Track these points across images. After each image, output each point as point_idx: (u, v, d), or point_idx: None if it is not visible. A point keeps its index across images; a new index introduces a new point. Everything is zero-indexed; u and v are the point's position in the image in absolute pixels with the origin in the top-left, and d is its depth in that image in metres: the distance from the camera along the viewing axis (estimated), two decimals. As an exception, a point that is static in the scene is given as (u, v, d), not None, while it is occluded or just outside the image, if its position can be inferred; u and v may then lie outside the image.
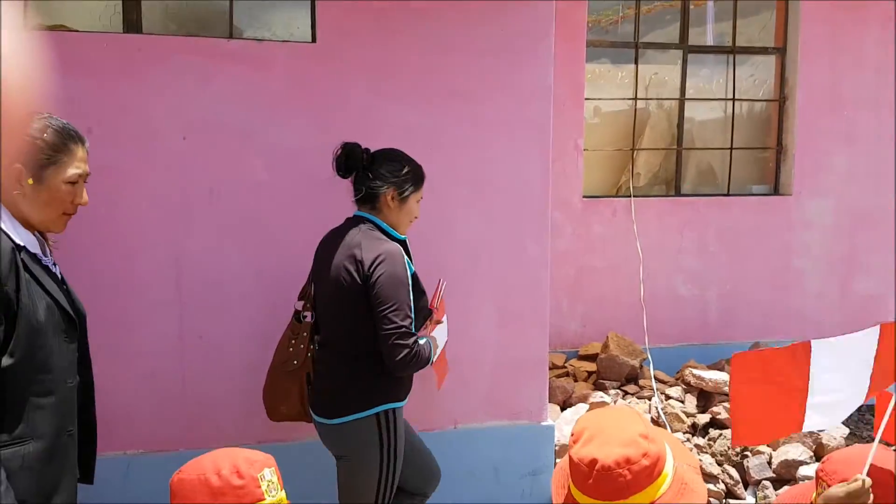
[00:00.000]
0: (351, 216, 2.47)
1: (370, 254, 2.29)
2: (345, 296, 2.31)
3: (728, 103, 5.03)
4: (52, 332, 1.68)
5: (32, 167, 1.69)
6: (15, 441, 1.59)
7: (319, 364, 2.50)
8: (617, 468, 1.31)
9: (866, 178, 4.97)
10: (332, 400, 2.38)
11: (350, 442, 2.37)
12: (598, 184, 5.12)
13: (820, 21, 4.77)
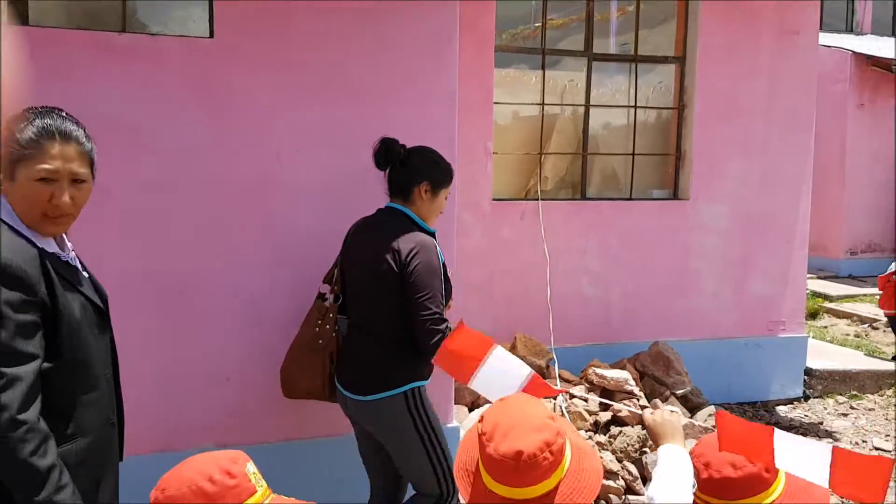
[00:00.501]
0: (383, 207, 2.65)
1: (407, 244, 2.48)
2: (381, 282, 2.49)
3: (631, 110, 5.18)
4: (87, 328, 1.71)
5: (10, 166, 1.65)
6: (67, 440, 1.65)
7: (350, 344, 2.66)
8: (541, 454, 1.37)
9: (759, 184, 5.21)
10: (365, 378, 2.56)
11: (382, 417, 2.55)
12: (507, 187, 5.19)
13: (717, 32, 4.98)
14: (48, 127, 1.67)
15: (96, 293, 1.81)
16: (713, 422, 4.27)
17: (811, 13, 5.12)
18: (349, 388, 2.60)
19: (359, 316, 2.64)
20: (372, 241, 2.56)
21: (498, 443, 1.40)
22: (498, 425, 1.43)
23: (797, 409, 5.25)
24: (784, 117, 5.14)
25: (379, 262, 2.49)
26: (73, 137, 1.70)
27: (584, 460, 1.47)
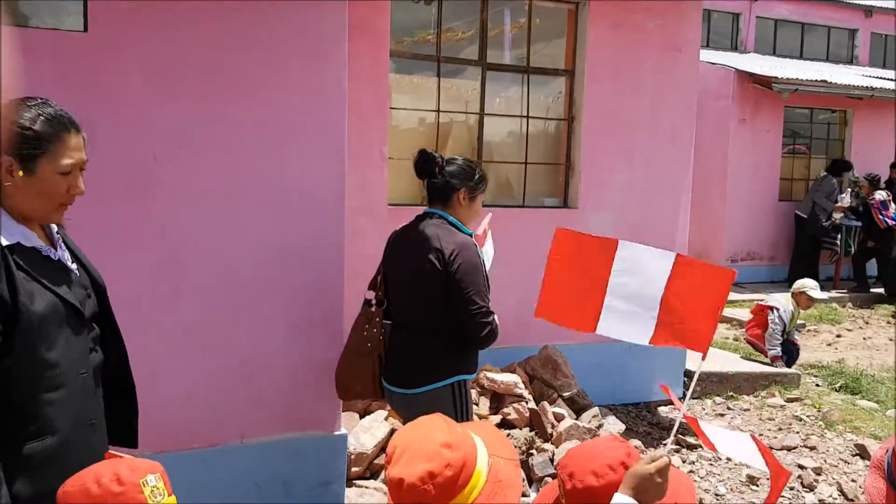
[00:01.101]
0: (421, 213, 2.90)
1: (450, 245, 2.72)
2: (426, 281, 2.71)
3: (524, 120, 5.31)
4: (56, 326, 1.67)
5: (23, 159, 1.65)
6: (33, 438, 1.64)
7: (396, 343, 2.85)
8: (422, 485, 1.34)
9: (643, 194, 5.43)
10: (413, 372, 2.76)
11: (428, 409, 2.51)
12: (404, 192, 5.20)
13: (604, 47, 5.17)
14: (60, 118, 1.70)
15: (86, 290, 1.80)
16: (597, 423, 4.43)
17: (693, 31, 5.39)
18: (396, 383, 2.79)
19: (404, 316, 2.86)
20: (415, 244, 2.79)
21: (391, 467, 1.40)
22: (397, 448, 1.42)
23: (677, 409, 5.50)
24: (666, 130, 5.39)
25: (424, 262, 2.72)
26: (77, 125, 1.74)
27: (497, 496, 1.42)
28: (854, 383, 6.32)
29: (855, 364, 6.99)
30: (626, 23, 5.20)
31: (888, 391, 6.24)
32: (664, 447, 4.78)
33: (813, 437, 5.04)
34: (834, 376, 6.52)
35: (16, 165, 1.65)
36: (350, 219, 4.52)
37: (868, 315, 9.24)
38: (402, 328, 2.85)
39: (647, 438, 4.91)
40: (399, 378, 2.79)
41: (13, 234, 1.66)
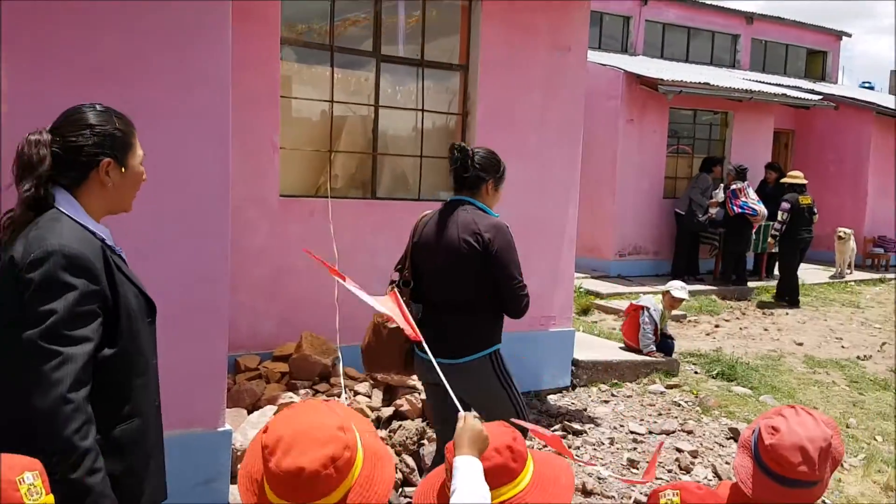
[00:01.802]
0: (448, 200, 3.20)
1: (486, 227, 3.01)
2: (464, 261, 2.98)
3: (419, 114, 5.33)
4: (140, 317, 1.88)
5: (120, 157, 1.87)
6: (125, 420, 1.83)
7: (434, 319, 3.02)
8: (324, 470, 1.33)
9: (534, 190, 5.57)
10: (457, 344, 3.02)
11: (472, 376, 3.03)
12: (296, 183, 5.12)
13: (497, 44, 5.26)
14: (124, 116, 1.92)
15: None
16: (488, 412, 4.51)
17: (581, 32, 5.56)
18: (440, 354, 2.76)
19: (441, 294, 3.08)
20: (451, 228, 3.05)
21: (280, 458, 1.34)
22: (281, 438, 1.37)
23: (565, 397, 5.69)
24: (556, 128, 5.54)
25: (461, 244, 2.99)
26: None
27: (376, 468, 1.44)
28: (730, 370, 6.71)
29: (731, 352, 7.41)
30: (517, 21, 5.31)
31: (761, 378, 6.67)
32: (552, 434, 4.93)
33: (690, 421, 5.33)
34: (711, 364, 6.89)
35: (114, 164, 1.86)
36: (239, 210, 4.42)
37: (745, 306, 9.83)
38: (441, 305, 3.07)
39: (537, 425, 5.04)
40: (441, 350, 2.80)
41: (99, 231, 1.85)
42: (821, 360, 7.53)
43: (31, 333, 1.67)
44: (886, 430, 5.75)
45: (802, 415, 1.94)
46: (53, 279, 1.71)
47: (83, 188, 1.85)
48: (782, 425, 1.94)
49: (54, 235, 1.75)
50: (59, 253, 1.72)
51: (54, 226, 1.77)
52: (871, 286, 11.60)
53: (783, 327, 8.82)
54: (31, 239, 1.76)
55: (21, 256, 1.74)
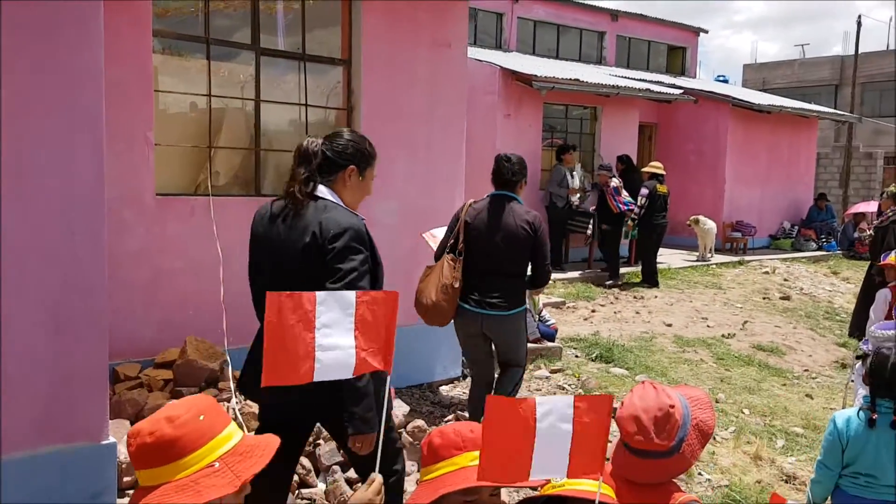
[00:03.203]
0: (495, 195, 4.48)
1: (533, 217, 4.34)
2: (521, 241, 4.26)
3: (303, 108, 5.23)
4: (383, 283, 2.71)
5: (362, 167, 2.81)
6: None
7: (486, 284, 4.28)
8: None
9: (422, 183, 5.61)
10: (507, 302, 4.29)
11: (513, 324, 4.37)
12: (175, 181, 4.90)
13: (380, 39, 5.25)
14: (369, 140, 2.90)
15: None
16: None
17: (460, 28, 5.65)
18: (493, 308, 4.28)
19: (494, 265, 4.27)
20: (508, 216, 4.31)
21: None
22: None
23: (457, 387, 5.78)
24: (440, 122, 5.60)
25: (519, 229, 4.27)
26: None
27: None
28: (607, 353, 7.04)
29: (608, 336, 7.78)
30: (398, 16, 5.32)
31: (636, 358, 7.04)
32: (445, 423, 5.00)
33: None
34: (590, 347, 7.21)
35: (356, 172, 2.79)
36: (113, 210, 4.18)
37: (617, 292, 10.32)
38: (493, 272, 4.28)
39: (430, 417, 5.10)
40: (494, 305, 4.27)
41: (361, 216, 2.71)
42: (689, 339, 8.04)
43: (339, 285, 2.45)
44: (752, 403, 6.23)
45: (647, 388, 2.06)
46: (349, 247, 2.56)
47: (335, 184, 2.75)
48: (627, 398, 2.07)
49: (345, 217, 2.64)
50: (351, 229, 2.60)
51: (338, 210, 2.66)
52: (732, 268, 12.48)
53: (653, 310, 9.34)
54: (325, 219, 2.60)
55: (322, 232, 2.57)
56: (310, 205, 2.65)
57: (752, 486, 4.36)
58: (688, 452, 2.00)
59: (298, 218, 2.63)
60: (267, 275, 2.75)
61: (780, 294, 10.68)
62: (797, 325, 9.23)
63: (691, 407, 2.06)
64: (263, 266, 2.80)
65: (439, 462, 1.82)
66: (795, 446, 5.26)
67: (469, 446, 1.80)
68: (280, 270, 2.67)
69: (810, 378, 7.27)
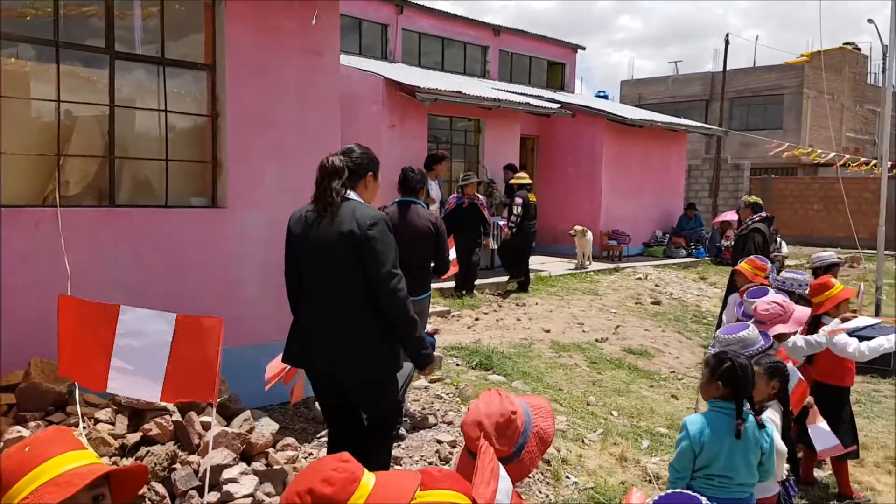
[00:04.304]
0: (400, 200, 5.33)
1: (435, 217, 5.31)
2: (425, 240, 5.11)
3: (163, 115, 5.00)
4: None
5: (375, 172, 3.68)
6: None
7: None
8: None
9: (295, 193, 5.46)
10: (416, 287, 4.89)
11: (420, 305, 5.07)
12: (19, 192, 4.56)
13: (246, 44, 5.10)
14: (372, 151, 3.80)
15: None
16: (248, 426, 4.36)
17: (332, 36, 5.57)
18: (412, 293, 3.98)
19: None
20: (413, 217, 5.09)
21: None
22: None
23: (333, 402, 5.66)
24: (313, 132, 5.50)
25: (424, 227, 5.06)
26: None
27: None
28: (487, 360, 7.12)
29: (488, 343, 7.88)
30: (265, 23, 5.19)
31: (514, 365, 7.16)
32: (318, 440, 4.89)
33: (451, 412, 5.57)
34: (471, 355, 7.27)
35: (372, 177, 3.64)
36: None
37: (501, 300, 10.50)
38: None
39: (304, 434, 4.98)
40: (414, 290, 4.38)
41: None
42: (565, 344, 8.27)
43: (382, 269, 3.32)
44: (621, 405, 6.46)
45: (493, 395, 2.11)
46: (385, 233, 3.35)
47: (358, 188, 3.53)
48: (472, 405, 2.10)
49: (372, 211, 3.40)
50: (382, 219, 3.36)
51: (365, 206, 3.42)
52: (608, 275, 12.97)
53: (534, 316, 9.56)
54: (359, 214, 3.33)
55: (359, 223, 3.31)
56: (343, 205, 3.38)
57: (616, 487, 4.50)
58: (527, 459, 2.03)
59: (336, 216, 3.36)
60: (311, 268, 3.51)
61: (651, 299, 11.18)
62: (666, 329, 9.69)
63: (533, 415, 2.10)
64: (305, 262, 3.53)
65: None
66: (660, 446, 5.48)
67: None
68: (327, 261, 3.41)
69: (676, 379, 7.63)
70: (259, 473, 3.91)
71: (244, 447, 4.06)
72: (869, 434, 6.23)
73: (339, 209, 3.36)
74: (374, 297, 3.33)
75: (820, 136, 30.13)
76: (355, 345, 3.39)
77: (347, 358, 3.41)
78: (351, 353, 3.40)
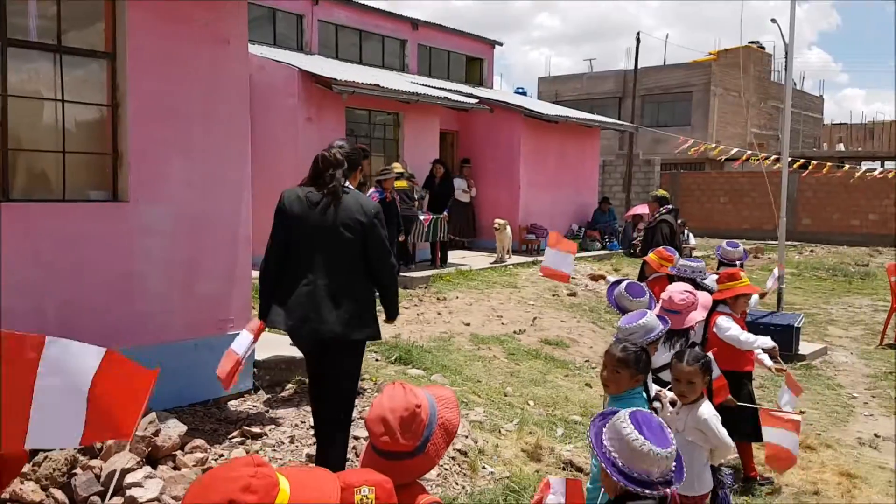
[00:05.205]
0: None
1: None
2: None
3: (59, 105, 4.75)
4: None
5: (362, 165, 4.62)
6: None
7: None
8: None
9: (202, 187, 5.31)
10: None
11: None
12: None
13: (149, 32, 4.89)
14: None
15: None
16: (154, 428, 4.20)
17: (240, 25, 5.41)
18: None
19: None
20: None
21: None
22: None
23: (247, 401, 5.53)
24: (221, 123, 5.33)
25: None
26: None
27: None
28: (406, 355, 7.10)
29: (408, 337, 7.86)
30: (169, 10, 5.00)
31: (434, 358, 7.17)
32: (230, 441, 4.76)
33: (368, 408, 5.51)
34: (391, 350, 7.24)
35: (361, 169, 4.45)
36: None
37: (422, 293, 10.49)
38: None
39: (214, 435, 4.83)
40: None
41: None
42: (484, 337, 8.34)
43: (384, 247, 4.04)
44: (537, 394, 6.56)
45: (396, 388, 2.07)
46: (381, 218, 4.05)
47: (350, 179, 4.14)
48: (376, 399, 2.07)
49: (371, 201, 4.13)
50: (377, 207, 4.06)
51: (364, 197, 4.13)
52: (527, 268, 13.15)
53: (454, 310, 9.60)
54: (363, 203, 4.03)
55: (365, 210, 3.98)
56: (344, 194, 3.98)
57: (531, 475, 4.56)
58: (432, 452, 2.01)
59: (341, 203, 3.94)
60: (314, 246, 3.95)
61: (567, 291, 11.40)
62: (581, 320, 9.91)
63: (438, 406, 2.09)
64: (305, 240, 3.96)
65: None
66: (573, 434, 5.60)
67: None
68: (330, 240, 3.94)
69: (590, 368, 7.81)
70: (165, 477, 3.78)
71: (149, 450, 3.93)
72: (769, 415, 6.54)
73: (342, 197, 3.96)
74: (368, 270, 4.03)
75: (726, 132, 31.49)
76: (357, 308, 4.00)
77: (348, 321, 3.95)
78: (350, 318, 3.96)
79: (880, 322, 10.66)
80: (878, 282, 14.68)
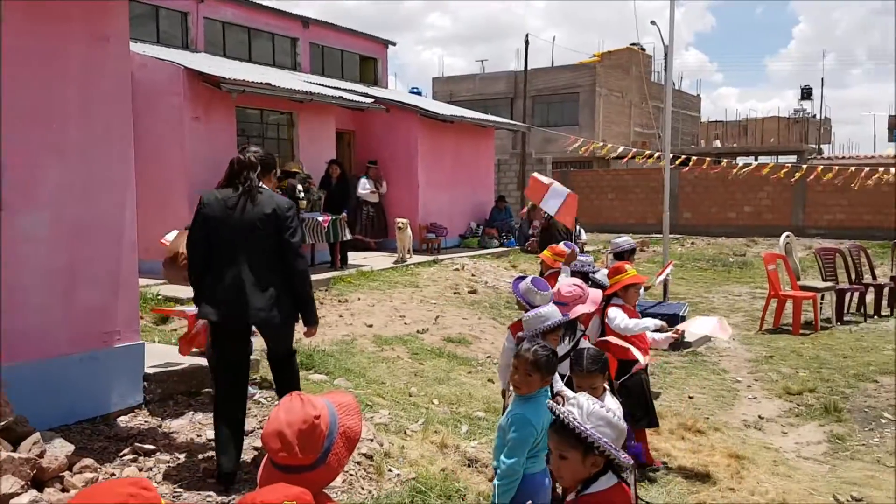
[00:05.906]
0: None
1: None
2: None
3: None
4: None
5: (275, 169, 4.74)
6: None
7: None
8: None
9: (81, 191, 5.00)
10: None
11: None
12: None
13: (19, 29, 4.55)
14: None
15: None
16: (39, 449, 3.92)
17: (120, 22, 5.13)
18: None
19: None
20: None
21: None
22: None
23: (138, 416, 5.25)
24: (100, 124, 5.04)
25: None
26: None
27: None
28: (308, 360, 6.95)
29: (309, 342, 7.69)
30: (44, 9, 4.68)
31: (336, 362, 7.07)
32: (121, 459, 4.51)
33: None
34: (291, 356, 7.06)
35: (276, 171, 4.73)
36: None
37: (322, 296, 10.30)
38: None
39: (104, 454, 4.56)
40: None
41: None
42: (388, 338, 8.31)
43: (293, 239, 4.31)
44: (441, 393, 6.58)
45: (294, 400, 2.00)
46: (295, 215, 4.38)
47: (265, 180, 4.45)
48: (273, 412, 1.98)
49: (285, 199, 4.40)
50: (293, 206, 4.40)
51: (276, 195, 4.41)
52: (428, 267, 13.20)
53: (356, 312, 9.50)
54: (277, 200, 4.33)
55: (278, 208, 4.28)
56: (258, 194, 4.27)
57: (437, 474, 4.56)
58: (334, 462, 1.96)
59: (256, 202, 4.25)
60: (233, 243, 4.24)
61: (468, 288, 11.53)
62: (482, 316, 10.04)
63: (339, 414, 2.02)
64: (225, 238, 4.24)
65: None
66: (478, 430, 5.65)
67: None
68: (249, 236, 4.24)
69: (492, 364, 7.91)
70: (53, 500, 3.53)
71: (35, 472, 3.66)
72: (663, 403, 6.85)
73: (257, 197, 4.25)
74: (284, 261, 4.29)
75: (611, 130, 32.76)
76: (277, 295, 4.29)
77: (272, 306, 4.26)
78: (275, 302, 4.28)
79: (759, 309, 11.36)
80: (755, 270, 15.65)
